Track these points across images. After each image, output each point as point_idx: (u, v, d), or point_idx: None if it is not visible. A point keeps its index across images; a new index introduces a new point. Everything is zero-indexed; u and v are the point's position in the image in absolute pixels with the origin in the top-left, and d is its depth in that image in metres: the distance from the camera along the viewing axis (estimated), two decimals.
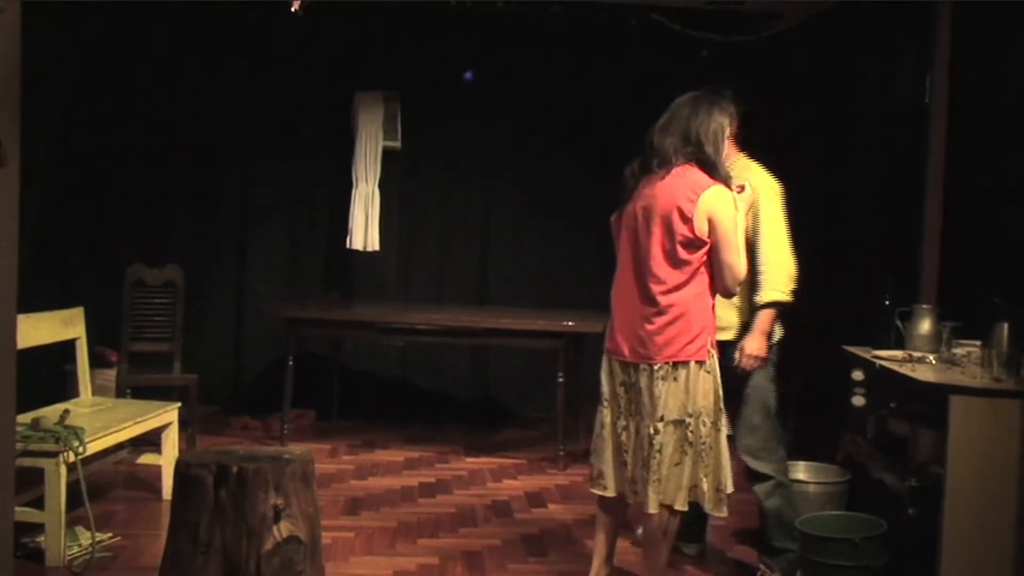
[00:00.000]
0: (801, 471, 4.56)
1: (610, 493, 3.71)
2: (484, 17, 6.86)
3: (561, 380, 5.89)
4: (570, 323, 5.87)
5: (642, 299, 3.60)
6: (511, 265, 7.45)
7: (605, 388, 3.73)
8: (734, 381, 3.93)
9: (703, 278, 3.56)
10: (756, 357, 3.95)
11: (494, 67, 7.24)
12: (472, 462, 6.11)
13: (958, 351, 4.28)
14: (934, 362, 4.25)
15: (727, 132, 3.69)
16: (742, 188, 3.70)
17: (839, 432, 4.86)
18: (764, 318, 3.96)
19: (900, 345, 4.55)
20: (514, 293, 7.31)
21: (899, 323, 4.61)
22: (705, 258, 3.54)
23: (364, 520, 4.90)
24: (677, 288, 3.53)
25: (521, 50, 7.18)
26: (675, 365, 3.52)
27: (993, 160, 4.87)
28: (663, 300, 3.54)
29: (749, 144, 4.14)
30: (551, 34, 7.07)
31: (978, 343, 4.13)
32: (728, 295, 3.64)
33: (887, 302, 4.69)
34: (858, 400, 4.64)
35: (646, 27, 6.64)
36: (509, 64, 7.22)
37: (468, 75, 7.30)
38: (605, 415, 3.73)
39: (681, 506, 3.56)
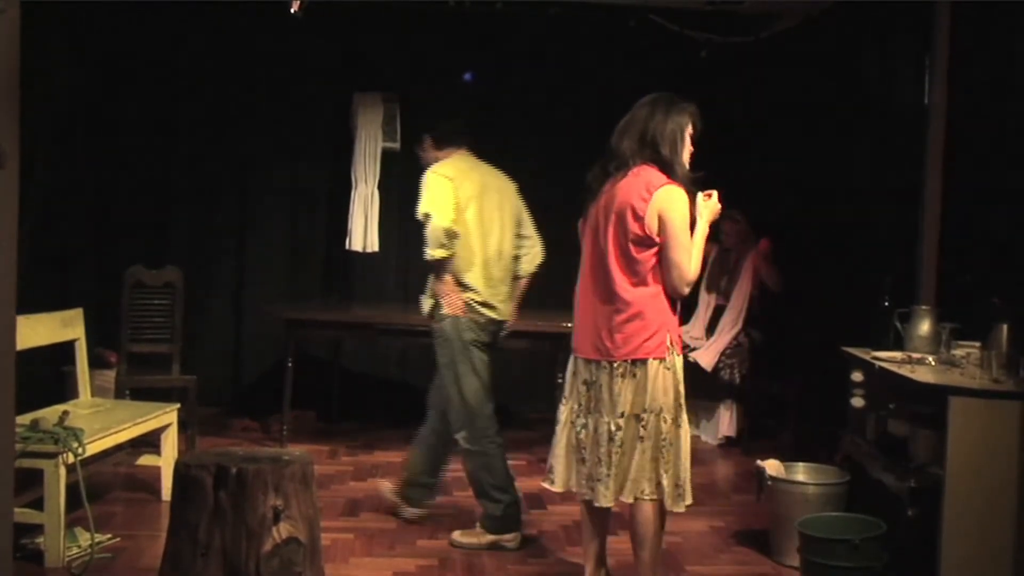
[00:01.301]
0: (800, 472, 4.55)
1: (557, 488, 3.80)
2: (483, 18, 6.85)
3: (560, 381, 5.86)
4: (568, 324, 5.80)
5: (602, 298, 3.67)
6: None
7: (567, 385, 3.82)
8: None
9: (659, 277, 3.60)
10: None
11: (493, 68, 7.24)
12: None
13: (957, 352, 4.28)
14: (933, 363, 4.26)
15: (687, 132, 3.70)
16: (709, 195, 3.72)
17: (839, 433, 4.86)
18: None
19: (899, 346, 4.55)
20: None
21: (898, 324, 4.61)
22: (656, 259, 3.58)
23: (363, 521, 4.90)
24: (633, 287, 3.60)
25: (520, 51, 7.18)
26: (634, 363, 3.59)
27: (992, 161, 4.87)
28: (620, 298, 3.61)
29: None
30: (550, 35, 7.07)
31: (977, 344, 4.13)
32: (677, 295, 3.63)
33: (886, 303, 4.70)
34: (857, 401, 4.64)
35: (645, 28, 6.64)
36: (508, 65, 7.22)
37: (467, 76, 7.30)
38: (562, 411, 3.80)
39: (649, 495, 3.59)
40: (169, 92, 7.05)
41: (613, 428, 3.60)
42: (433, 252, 4.51)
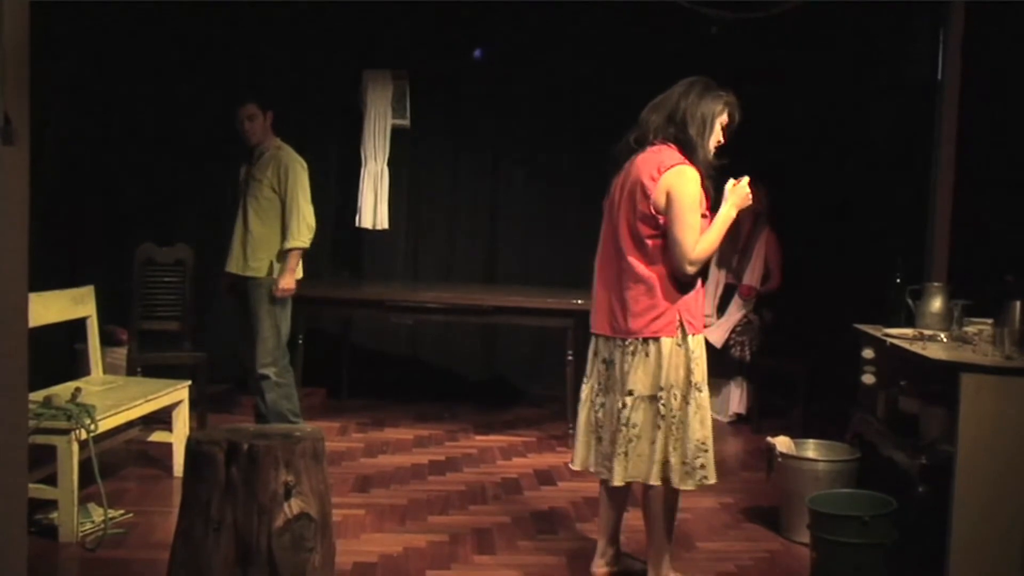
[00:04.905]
0: (811, 449, 4.55)
1: (575, 467, 3.81)
2: None
3: (570, 358, 5.88)
4: (579, 301, 5.85)
5: (616, 275, 3.67)
6: (520, 243, 7.44)
7: (588, 364, 3.81)
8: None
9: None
10: (285, 290, 5.39)
11: (503, 45, 7.20)
12: (481, 440, 6.12)
13: (969, 329, 4.27)
14: (945, 340, 4.24)
15: (718, 120, 3.63)
16: (738, 181, 3.67)
17: (849, 410, 4.86)
18: (291, 259, 5.37)
19: (911, 323, 4.54)
20: (523, 271, 7.30)
21: (910, 301, 4.60)
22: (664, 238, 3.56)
23: (374, 497, 4.92)
24: (645, 265, 3.58)
25: (530, 28, 7.14)
26: (645, 340, 3.58)
27: (1005, 139, 4.84)
28: (631, 276, 3.60)
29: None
30: (560, 12, 7.02)
31: (989, 321, 4.12)
32: (678, 273, 3.55)
33: (898, 280, 4.68)
34: (868, 378, 4.64)
35: (655, 4, 6.58)
36: (518, 42, 7.18)
37: (477, 53, 7.27)
38: (584, 390, 3.80)
39: (655, 481, 3.59)
40: (178, 70, 7.02)
41: (620, 406, 3.59)
42: (307, 242, 5.44)
